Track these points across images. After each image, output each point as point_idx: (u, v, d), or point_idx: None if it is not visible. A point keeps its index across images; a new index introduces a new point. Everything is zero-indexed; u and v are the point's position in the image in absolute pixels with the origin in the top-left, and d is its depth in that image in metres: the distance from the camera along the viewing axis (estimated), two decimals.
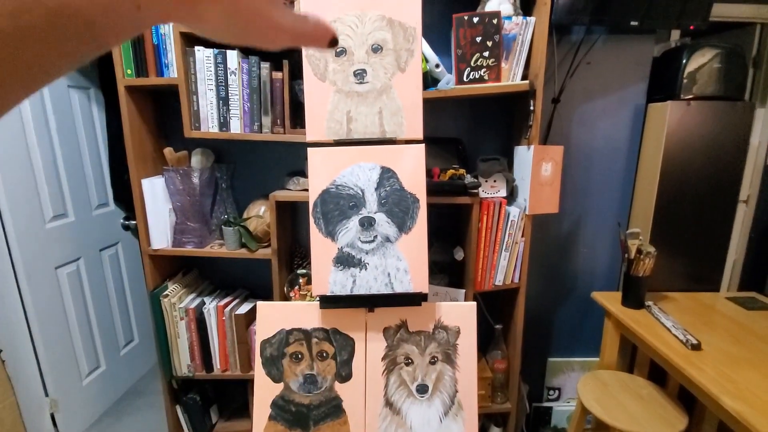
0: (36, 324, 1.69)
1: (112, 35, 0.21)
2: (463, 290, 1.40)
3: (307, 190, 1.32)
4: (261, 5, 0.25)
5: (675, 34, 1.65)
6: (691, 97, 1.46)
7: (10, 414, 1.41)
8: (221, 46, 1.24)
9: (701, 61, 1.47)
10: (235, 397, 1.64)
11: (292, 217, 1.55)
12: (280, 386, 1.07)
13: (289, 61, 1.27)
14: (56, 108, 1.76)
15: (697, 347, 1.16)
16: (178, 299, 1.40)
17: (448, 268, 1.48)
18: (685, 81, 1.46)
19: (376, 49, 1.01)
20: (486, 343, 1.54)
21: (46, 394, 1.76)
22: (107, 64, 1.36)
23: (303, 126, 1.33)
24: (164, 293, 1.39)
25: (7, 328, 1.59)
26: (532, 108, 1.24)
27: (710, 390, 1.00)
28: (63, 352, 1.82)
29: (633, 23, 1.38)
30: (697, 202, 1.49)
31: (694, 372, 1.06)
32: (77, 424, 1.89)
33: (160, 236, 1.36)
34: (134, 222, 1.93)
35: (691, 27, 1.50)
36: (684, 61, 1.46)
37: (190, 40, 1.25)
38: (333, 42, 0.28)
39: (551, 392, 1.78)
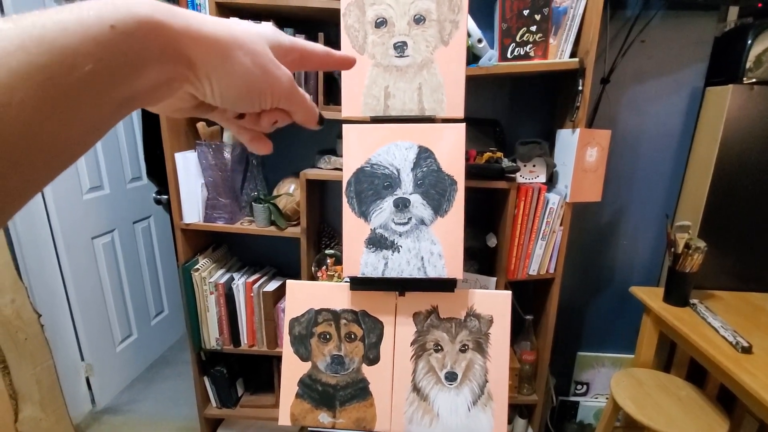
0: (73, 292, 1.75)
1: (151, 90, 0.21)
2: (494, 278, 1.35)
3: (338, 169, 1.29)
4: (280, 72, 0.27)
5: (732, 14, 1.51)
6: (754, 81, 1.34)
7: (48, 376, 1.48)
8: (256, 17, 1.21)
9: None
10: (260, 371, 1.67)
11: (321, 196, 1.53)
12: (308, 365, 1.06)
13: (324, 33, 1.22)
14: None
15: (747, 350, 1.09)
16: (208, 273, 1.42)
17: (479, 255, 1.43)
18: (749, 63, 1.33)
19: (419, 19, 0.95)
20: (515, 333, 1.49)
21: (82, 359, 1.84)
22: None
23: (336, 102, 1.29)
24: (195, 267, 1.40)
25: (46, 294, 1.65)
26: (580, 88, 1.16)
27: (764, 397, 0.93)
28: (98, 319, 1.89)
29: None
30: (754, 195, 1.38)
31: (745, 377, 0.99)
32: (110, 388, 1.98)
33: (192, 211, 1.36)
34: (166, 197, 1.96)
35: (759, 5, 1.38)
36: (749, 41, 1.33)
37: (224, 10, 1.22)
38: (321, 120, 0.33)
39: (579, 387, 1.73)
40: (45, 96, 0.16)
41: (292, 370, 1.07)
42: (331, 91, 1.30)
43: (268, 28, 0.27)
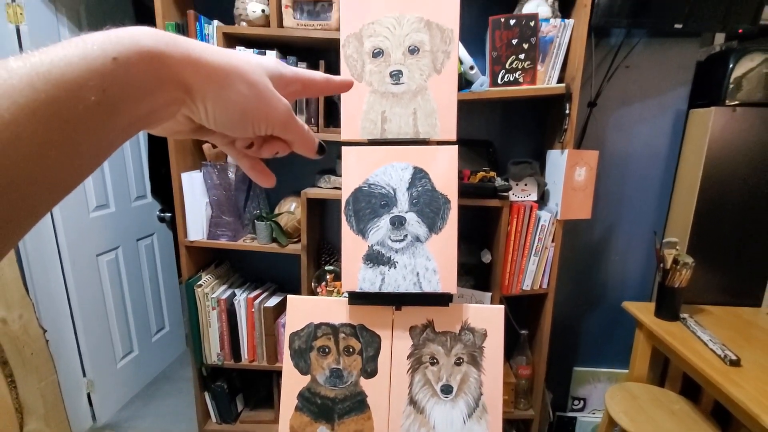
0: (77, 308, 1.78)
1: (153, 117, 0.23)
2: (489, 293, 1.39)
3: (337, 188, 1.34)
4: (277, 102, 0.28)
5: (720, 39, 1.58)
6: (736, 103, 1.40)
7: (52, 391, 1.50)
8: (261, 46, 1.28)
9: (749, 66, 1.41)
10: (260, 387, 1.69)
11: (321, 214, 1.58)
12: (307, 379, 1.09)
13: (325, 61, 1.29)
14: None
15: (736, 363, 1.12)
16: (210, 290, 1.45)
17: (474, 271, 1.47)
18: (731, 86, 1.40)
19: (413, 50, 1.02)
20: (510, 348, 1.52)
21: (84, 375, 1.85)
22: None
23: (336, 125, 1.36)
24: (198, 283, 1.44)
25: (52, 310, 1.68)
26: (567, 111, 1.22)
27: (750, 408, 0.96)
28: (100, 335, 1.91)
29: (677, 26, 1.34)
30: (740, 212, 1.43)
31: (732, 389, 1.02)
32: (111, 404, 1.98)
33: (197, 228, 1.41)
34: (169, 214, 2.01)
35: (740, 30, 1.44)
36: (731, 65, 1.40)
37: (231, 40, 1.29)
38: (320, 150, 0.34)
39: (576, 402, 1.75)
40: (51, 129, 0.17)
41: (292, 383, 1.09)
42: (331, 115, 1.36)
43: (270, 60, 0.29)
